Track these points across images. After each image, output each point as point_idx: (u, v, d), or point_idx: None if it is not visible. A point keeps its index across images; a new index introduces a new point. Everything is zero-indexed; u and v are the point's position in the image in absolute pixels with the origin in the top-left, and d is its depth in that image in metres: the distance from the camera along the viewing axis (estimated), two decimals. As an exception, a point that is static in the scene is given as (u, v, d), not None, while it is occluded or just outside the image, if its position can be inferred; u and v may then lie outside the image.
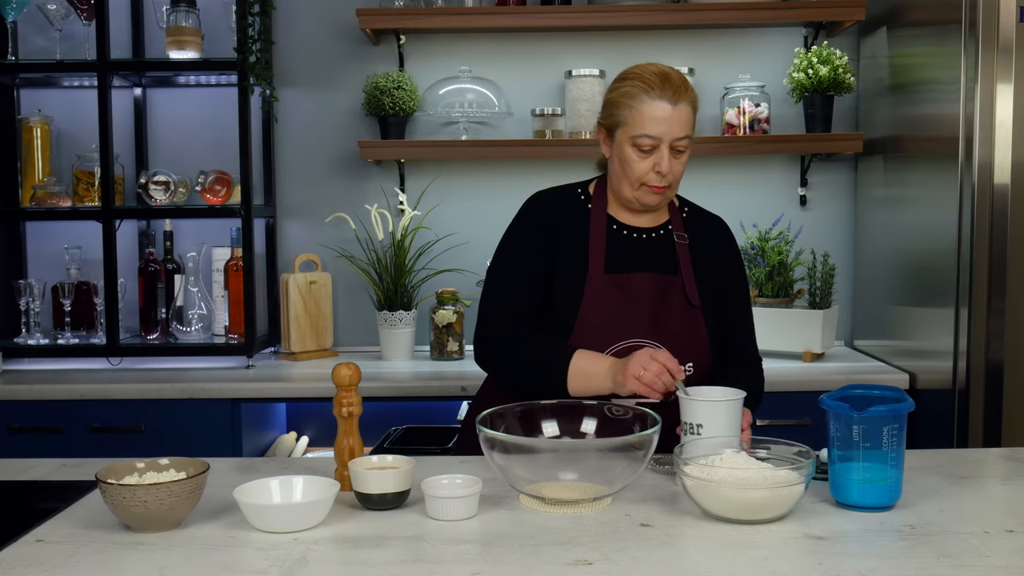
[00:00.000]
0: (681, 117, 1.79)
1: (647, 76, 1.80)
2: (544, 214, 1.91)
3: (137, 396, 2.71)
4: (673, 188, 1.85)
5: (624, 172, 1.83)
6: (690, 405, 1.65)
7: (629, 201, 1.87)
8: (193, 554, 1.35)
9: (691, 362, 1.84)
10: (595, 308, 1.83)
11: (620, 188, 1.86)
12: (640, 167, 1.81)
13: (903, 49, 2.84)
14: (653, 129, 1.78)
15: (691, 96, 1.81)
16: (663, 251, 1.90)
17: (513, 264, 1.90)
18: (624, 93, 1.81)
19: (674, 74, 1.81)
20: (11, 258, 3.20)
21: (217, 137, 3.22)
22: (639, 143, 1.79)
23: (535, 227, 1.90)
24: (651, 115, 1.78)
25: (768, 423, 2.61)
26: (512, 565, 1.29)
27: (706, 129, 3.22)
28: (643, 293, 1.84)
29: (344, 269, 3.25)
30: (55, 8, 3.00)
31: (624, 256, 1.87)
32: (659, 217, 1.93)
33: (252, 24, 2.91)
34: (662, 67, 1.82)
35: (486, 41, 3.23)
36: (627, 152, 1.81)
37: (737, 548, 1.34)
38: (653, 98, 1.78)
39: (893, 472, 1.49)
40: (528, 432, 1.66)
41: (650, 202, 1.85)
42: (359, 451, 1.64)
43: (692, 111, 1.81)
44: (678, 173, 1.83)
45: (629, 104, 1.80)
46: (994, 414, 2.46)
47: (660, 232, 1.92)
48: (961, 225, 2.45)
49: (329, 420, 1.81)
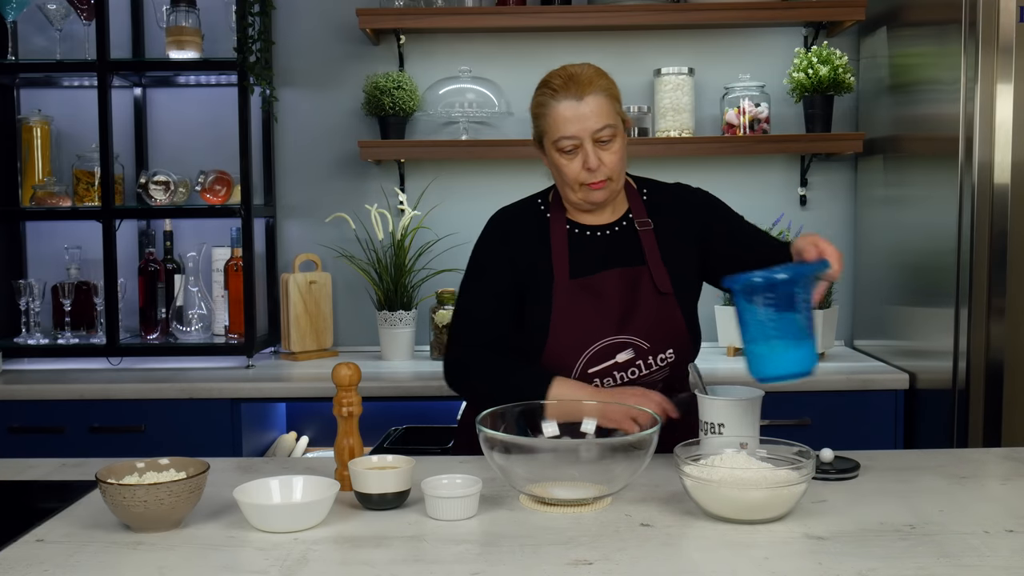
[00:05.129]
0: (593, 110, 1.79)
1: (552, 81, 1.83)
2: (505, 232, 1.93)
3: (137, 396, 2.71)
4: (616, 179, 1.85)
5: (561, 178, 1.86)
6: (710, 405, 1.66)
7: (578, 204, 1.88)
8: (193, 554, 1.35)
9: (670, 348, 1.85)
10: (566, 314, 1.84)
11: (565, 194, 1.88)
12: (571, 169, 1.82)
13: (903, 49, 2.84)
14: (567, 130, 1.79)
15: (601, 85, 1.82)
16: (627, 244, 1.90)
17: (480, 286, 1.92)
18: (537, 103, 1.85)
19: (580, 70, 1.83)
20: (11, 258, 3.20)
21: (217, 137, 3.22)
22: (561, 146, 1.81)
23: (497, 246, 1.92)
24: (562, 117, 1.79)
25: (768, 423, 2.60)
26: (512, 565, 1.29)
27: (706, 129, 3.22)
28: (612, 291, 1.85)
29: (344, 269, 3.25)
30: (55, 8, 3.00)
31: (588, 258, 1.88)
32: (618, 209, 1.93)
33: (252, 24, 2.91)
34: (569, 67, 1.84)
35: (486, 41, 3.23)
36: (556, 158, 1.83)
37: (737, 548, 1.34)
38: (560, 100, 1.80)
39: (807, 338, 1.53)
40: (528, 432, 1.67)
41: (596, 199, 1.85)
42: (359, 451, 1.64)
43: (607, 100, 1.81)
44: (612, 163, 1.82)
45: (543, 112, 1.83)
46: (994, 414, 2.46)
47: (622, 224, 1.92)
48: (961, 225, 2.45)
49: (329, 420, 1.81)
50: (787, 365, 1.54)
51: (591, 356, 1.83)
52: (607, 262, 1.87)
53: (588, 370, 1.84)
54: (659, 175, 2.08)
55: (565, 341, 1.84)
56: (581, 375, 1.84)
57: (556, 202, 1.94)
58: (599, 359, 1.84)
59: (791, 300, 1.52)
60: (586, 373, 1.84)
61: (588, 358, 1.83)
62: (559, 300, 1.85)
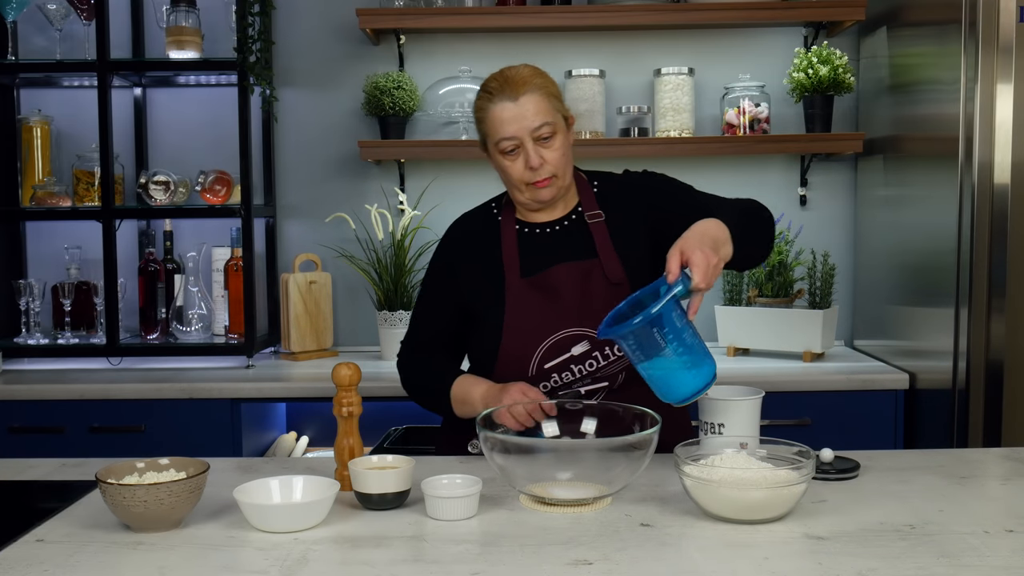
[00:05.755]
0: (530, 108, 1.79)
1: (489, 84, 1.84)
2: (456, 241, 1.97)
3: (137, 396, 2.71)
4: (561, 176, 1.85)
5: (508, 179, 1.87)
6: (711, 405, 1.66)
7: (527, 204, 1.88)
8: (193, 554, 1.35)
9: None
10: (518, 312, 1.85)
11: (514, 195, 1.89)
12: (515, 170, 1.83)
13: (903, 49, 2.84)
14: (506, 130, 1.80)
15: (537, 84, 1.82)
16: (577, 237, 1.90)
17: (426, 294, 2.00)
18: (478, 108, 1.86)
19: (514, 71, 1.83)
20: (11, 258, 3.20)
21: (217, 137, 3.22)
22: (502, 148, 1.82)
23: (446, 256, 1.96)
24: (500, 118, 1.81)
25: (768, 423, 2.60)
26: (512, 565, 1.29)
27: (706, 129, 3.22)
28: (564, 285, 1.85)
29: (344, 269, 3.25)
30: (55, 8, 3.00)
31: (539, 255, 1.89)
32: (569, 204, 1.93)
33: (252, 24, 2.91)
34: (505, 69, 1.85)
35: (486, 41, 3.23)
36: (499, 160, 1.85)
37: (737, 548, 1.34)
38: (496, 102, 1.81)
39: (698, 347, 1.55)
40: (528, 432, 1.67)
41: (543, 197, 1.86)
42: (359, 451, 1.64)
43: (544, 97, 1.82)
44: (555, 160, 1.82)
45: (483, 117, 1.85)
46: (994, 414, 2.46)
47: (572, 218, 1.92)
48: (961, 225, 2.45)
49: (329, 420, 1.81)
50: (686, 386, 1.56)
51: (545, 351, 1.83)
52: (558, 257, 1.88)
53: (544, 365, 1.84)
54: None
55: (519, 339, 1.85)
56: (538, 371, 1.84)
57: (508, 204, 1.96)
58: (554, 354, 1.83)
59: (661, 337, 1.52)
60: (543, 368, 1.84)
61: (543, 353, 1.83)
62: (511, 299, 1.86)
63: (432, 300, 1.98)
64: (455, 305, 1.94)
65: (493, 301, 1.88)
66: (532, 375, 1.84)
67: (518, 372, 1.84)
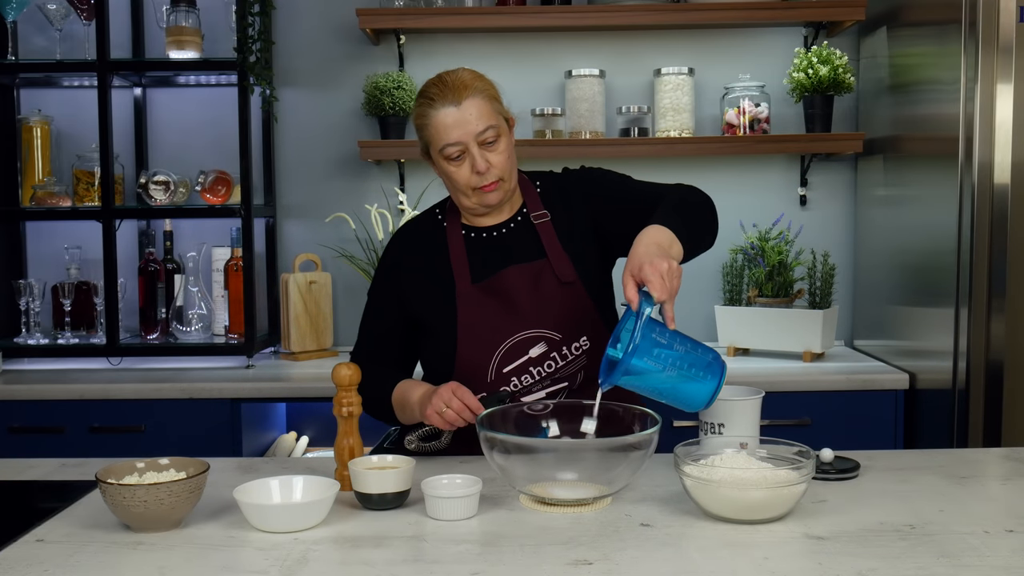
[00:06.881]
0: (473, 113, 1.78)
1: (429, 90, 1.82)
2: (400, 250, 1.95)
3: (137, 396, 2.71)
4: (507, 178, 1.84)
5: (453, 185, 1.85)
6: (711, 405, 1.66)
7: (473, 209, 1.87)
8: (193, 554, 1.35)
9: (583, 336, 1.85)
10: (471, 319, 1.84)
11: (459, 201, 1.88)
12: (461, 175, 1.81)
13: (903, 49, 2.84)
14: (450, 136, 1.79)
15: (478, 88, 1.80)
16: (525, 238, 1.90)
17: (370, 304, 1.98)
18: (418, 115, 1.84)
19: (454, 76, 1.82)
20: (11, 258, 3.20)
21: (217, 137, 3.22)
22: (447, 154, 1.80)
23: (389, 266, 1.95)
24: (442, 124, 1.79)
25: (768, 423, 2.60)
26: (512, 565, 1.29)
27: (706, 129, 3.22)
28: (516, 288, 1.85)
29: (344, 269, 3.25)
30: (55, 8, 3.00)
31: (487, 260, 1.88)
32: (514, 206, 1.93)
33: (252, 24, 2.91)
34: (444, 74, 1.83)
35: (486, 41, 3.23)
36: (444, 167, 1.83)
37: (737, 548, 1.34)
38: (437, 108, 1.79)
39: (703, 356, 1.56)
40: (528, 432, 1.67)
41: (491, 201, 1.84)
42: (359, 451, 1.64)
43: (486, 101, 1.80)
44: (500, 163, 1.81)
45: (425, 124, 1.82)
46: (994, 414, 2.46)
47: (518, 220, 1.92)
48: (961, 225, 2.45)
49: (329, 420, 1.81)
50: (700, 394, 1.57)
51: (503, 355, 1.83)
52: (507, 260, 1.87)
53: (503, 369, 1.83)
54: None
55: (475, 345, 1.84)
56: (496, 376, 1.83)
57: (452, 210, 1.94)
58: (512, 357, 1.83)
59: (653, 362, 1.52)
60: (501, 373, 1.83)
61: (500, 358, 1.83)
62: (463, 306, 1.85)
63: (378, 311, 1.96)
64: (401, 315, 1.92)
65: (444, 309, 1.87)
66: (491, 380, 1.83)
67: (477, 378, 1.83)
